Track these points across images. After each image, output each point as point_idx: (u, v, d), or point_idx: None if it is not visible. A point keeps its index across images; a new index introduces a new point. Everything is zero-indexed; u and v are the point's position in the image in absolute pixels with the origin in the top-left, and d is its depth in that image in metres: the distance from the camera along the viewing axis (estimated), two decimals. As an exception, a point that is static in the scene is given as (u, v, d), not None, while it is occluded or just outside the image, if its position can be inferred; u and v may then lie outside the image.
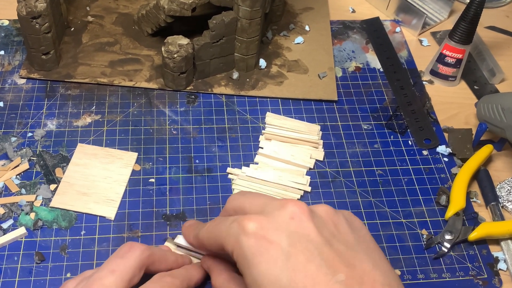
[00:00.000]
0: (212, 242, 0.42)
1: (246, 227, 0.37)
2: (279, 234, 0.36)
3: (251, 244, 0.37)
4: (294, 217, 0.37)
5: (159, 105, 0.64)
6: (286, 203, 0.38)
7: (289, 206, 0.38)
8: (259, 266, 0.36)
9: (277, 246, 0.36)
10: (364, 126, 0.65)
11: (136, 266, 0.42)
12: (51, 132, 0.60)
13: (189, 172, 0.58)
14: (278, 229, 0.37)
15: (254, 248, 0.36)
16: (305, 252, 0.35)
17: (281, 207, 0.38)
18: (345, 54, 0.73)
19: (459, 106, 0.69)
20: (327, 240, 0.37)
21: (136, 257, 0.42)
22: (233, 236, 0.38)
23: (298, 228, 0.37)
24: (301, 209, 0.38)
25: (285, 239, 0.36)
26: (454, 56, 0.68)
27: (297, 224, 0.37)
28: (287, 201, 0.38)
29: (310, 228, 0.37)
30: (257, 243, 0.36)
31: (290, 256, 0.35)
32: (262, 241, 0.36)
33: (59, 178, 0.56)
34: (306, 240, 0.36)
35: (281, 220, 0.37)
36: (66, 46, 0.69)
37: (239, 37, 0.65)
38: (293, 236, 0.36)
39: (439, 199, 0.58)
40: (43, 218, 0.53)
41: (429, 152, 0.63)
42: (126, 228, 0.53)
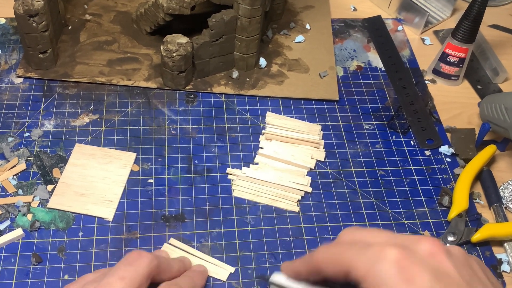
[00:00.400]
0: (334, 264, 0.39)
1: (388, 254, 0.36)
2: (421, 268, 0.35)
3: (392, 273, 0.35)
4: (434, 254, 0.37)
5: (158, 105, 0.64)
6: (422, 239, 0.38)
7: (426, 242, 0.37)
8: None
9: (421, 280, 0.35)
10: (366, 126, 0.65)
11: (144, 274, 0.42)
12: (49, 132, 0.60)
13: (188, 172, 0.58)
14: (419, 263, 0.35)
15: (396, 278, 0.35)
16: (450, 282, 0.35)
17: (417, 242, 0.37)
18: (346, 53, 0.73)
19: (462, 105, 0.69)
20: (468, 281, 0.36)
21: (145, 266, 0.42)
22: (369, 261, 0.36)
23: (438, 264, 0.36)
24: (438, 246, 0.37)
25: (428, 274, 0.35)
26: (457, 55, 0.68)
27: (437, 260, 0.36)
28: (422, 237, 0.38)
29: (450, 266, 0.36)
30: (399, 273, 0.35)
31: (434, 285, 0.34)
32: (405, 272, 0.35)
33: (57, 179, 0.56)
34: (448, 278, 0.35)
35: (421, 255, 0.36)
36: (63, 44, 0.69)
37: (239, 36, 0.65)
38: (436, 273, 0.35)
39: (442, 200, 0.58)
40: (40, 219, 0.53)
41: (431, 153, 0.63)
42: (125, 229, 0.53)
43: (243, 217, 0.55)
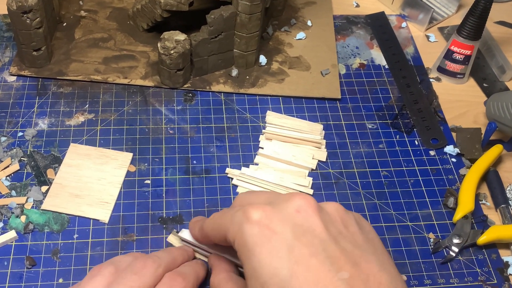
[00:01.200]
0: (216, 232, 0.42)
1: (251, 215, 0.38)
2: (283, 225, 0.37)
3: (253, 233, 0.37)
4: (300, 210, 0.38)
5: (155, 104, 0.64)
6: (293, 196, 0.39)
7: (296, 199, 0.38)
8: (260, 255, 0.36)
9: (280, 237, 0.36)
10: (369, 126, 0.65)
11: (151, 283, 0.43)
12: (43, 132, 0.60)
13: (186, 173, 0.58)
14: (282, 220, 0.37)
15: (257, 237, 0.37)
16: (309, 246, 0.36)
17: (287, 200, 0.39)
18: (348, 51, 0.73)
19: (467, 104, 0.68)
20: (333, 236, 0.37)
21: (152, 274, 0.43)
22: (237, 224, 0.39)
23: (303, 221, 0.37)
24: (308, 203, 0.38)
25: (289, 231, 0.36)
26: (462, 52, 0.68)
27: (303, 217, 0.37)
28: (294, 194, 0.39)
29: (316, 223, 0.37)
30: (260, 232, 0.37)
31: (293, 248, 0.36)
32: (266, 230, 0.37)
33: (51, 180, 0.56)
34: (311, 235, 0.36)
35: (286, 212, 0.38)
36: (58, 42, 0.69)
37: (238, 33, 0.65)
38: (298, 229, 0.37)
39: (447, 201, 0.58)
40: (34, 221, 0.53)
41: (436, 153, 0.63)
42: (121, 231, 0.53)
43: (243, 219, 0.55)
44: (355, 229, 0.39)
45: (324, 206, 0.40)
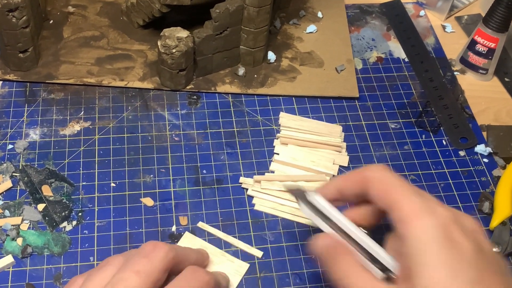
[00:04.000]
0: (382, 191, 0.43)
1: (441, 213, 0.40)
2: (467, 238, 0.40)
3: (439, 231, 0.39)
4: (478, 231, 0.42)
5: (157, 108, 0.64)
6: (466, 215, 0.43)
7: (471, 218, 0.42)
8: (443, 257, 0.38)
9: (465, 248, 0.39)
10: (391, 125, 0.65)
11: (161, 268, 0.42)
12: (35, 143, 0.59)
13: (196, 184, 0.58)
14: (465, 233, 0.40)
15: (442, 237, 0.39)
16: (489, 263, 0.40)
17: (464, 216, 0.42)
18: (364, 43, 0.73)
19: (487, 100, 0.69)
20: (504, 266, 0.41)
21: (162, 258, 0.42)
22: (420, 210, 0.40)
23: (480, 241, 0.41)
24: (481, 227, 0.43)
25: (472, 245, 0.39)
26: (486, 44, 0.68)
27: (479, 238, 0.41)
28: (465, 214, 0.43)
29: (489, 247, 0.41)
30: (446, 234, 0.39)
31: (475, 259, 0.39)
32: (452, 235, 0.39)
33: (47, 197, 0.55)
34: (487, 257, 0.40)
35: (467, 226, 0.41)
36: (45, 41, 0.68)
37: (245, 28, 0.64)
38: (478, 247, 0.40)
39: (482, 206, 0.58)
40: (32, 244, 0.52)
41: (466, 153, 0.63)
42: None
43: (261, 233, 0.55)
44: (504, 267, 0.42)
45: None
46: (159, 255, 0.43)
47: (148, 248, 0.43)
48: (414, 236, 0.40)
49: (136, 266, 0.41)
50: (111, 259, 0.44)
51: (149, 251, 0.43)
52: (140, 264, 0.42)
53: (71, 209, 0.55)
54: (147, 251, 0.43)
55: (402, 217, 0.41)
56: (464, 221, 0.41)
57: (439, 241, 0.39)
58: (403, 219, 0.41)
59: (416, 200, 0.41)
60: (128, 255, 0.44)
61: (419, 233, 0.39)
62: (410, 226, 0.40)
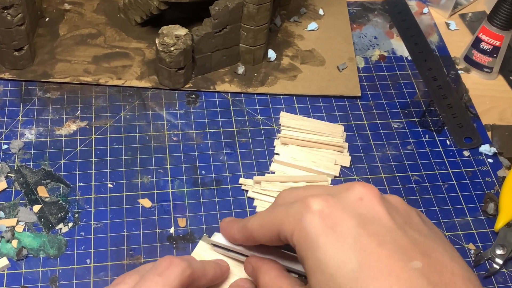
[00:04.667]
0: (265, 229, 0.42)
1: (311, 204, 0.38)
2: (347, 214, 0.38)
3: (316, 223, 0.38)
4: (363, 199, 0.39)
5: (155, 107, 0.64)
6: (354, 185, 0.40)
7: (357, 187, 0.39)
8: (325, 247, 0.37)
9: (345, 227, 0.37)
10: (394, 125, 0.65)
11: (176, 287, 0.41)
12: (30, 143, 0.59)
13: (195, 185, 0.58)
14: (345, 209, 0.38)
15: (319, 228, 0.37)
16: (377, 235, 0.37)
17: (348, 189, 0.40)
18: (366, 41, 0.73)
19: (492, 99, 0.69)
20: (400, 225, 0.38)
21: (177, 276, 0.42)
22: (294, 216, 0.39)
23: (367, 210, 0.38)
24: (371, 191, 0.39)
25: (353, 220, 0.37)
26: (490, 42, 0.68)
27: (367, 205, 0.38)
28: (355, 183, 0.40)
29: (381, 211, 0.38)
30: (323, 222, 0.37)
31: (359, 237, 0.36)
32: (329, 220, 0.38)
33: (43, 198, 0.55)
34: (377, 223, 0.37)
35: (349, 201, 0.39)
36: (40, 39, 0.68)
37: (245, 25, 0.64)
38: (363, 218, 0.38)
39: (486, 207, 0.58)
40: (28, 246, 0.52)
41: (470, 153, 0.63)
42: (126, 253, 0.53)
43: (262, 235, 0.55)
44: (418, 220, 0.40)
45: (385, 195, 0.41)
46: (175, 273, 0.42)
47: (164, 264, 0.42)
48: (299, 242, 0.39)
49: (150, 285, 0.41)
50: (126, 277, 0.43)
51: (164, 268, 0.42)
52: (155, 283, 0.41)
53: (67, 211, 0.55)
54: (162, 268, 0.42)
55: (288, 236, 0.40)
56: (346, 194, 0.39)
57: (319, 234, 0.37)
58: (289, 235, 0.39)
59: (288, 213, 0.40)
60: (142, 271, 0.43)
61: (301, 237, 0.38)
62: (294, 236, 0.39)
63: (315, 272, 0.37)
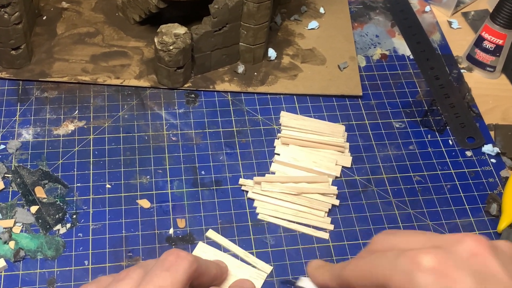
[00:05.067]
0: (366, 280, 0.40)
1: (422, 261, 0.36)
2: (461, 272, 0.36)
3: (429, 283, 0.36)
4: (477, 254, 0.37)
5: (153, 107, 0.64)
6: (464, 238, 0.38)
7: (468, 241, 0.37)
8: None
9: (462, 286, 0.35)
10: (396, 125, 0.65)
11: (184, 281, 0.41)
12: (28, 143, 0.59)
13: (194, 186, 0.58)
14: (459, 266, 0.36)
15: (434, 287, 0.36)
16: None
17: (458, 241, 0.37)
18: (368, 40, 0.73)
19: (495, 99, 0.69)
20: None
21: (185, 271, 0.41)
22: (403, 272, 0.37)
23: (482, 266, 0.36)
24: (483, 244, 0.37)
25: (470, 279, 0.35)
26: (493, 41, 0.68)
27: (481, 261, 0.36)
28: (464, 235, 0.38)
29: (496, 266, 0.36)
30: (438, 282, 0.36)
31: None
32: (443, 279, 0.36)
33: (41, 199, 0.55)
34: (493, 281, 0.36)
35: (461, 257, 0.37)
36: (38, 38, 0.68)
37: (245, 24, 0.64)
38: (479, 276, 0.36)
39: (489, 208, 0.58)
40: (25, 247, 0.52)
41: (473, 153, 0.63)
42: (124, 255, 0.53)
43: (262, 237, 0.55)
44: None
45: (496, 244, 0.39)
46: (182, 267, 0.41)
47: (170, 259, 0.42)
48: None
49: (158, 281, 0.40)
50: (130, 271, 0.42)
51: (171, 264, 0.42)
52: (162, 278, 0.41)
53: (65, 211, 0.55)
54: (169, 263, 0.42)
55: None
56: (457, 248, 0.37)
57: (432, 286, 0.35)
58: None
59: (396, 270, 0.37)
60: (145, 266, 0.43)
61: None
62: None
63: None
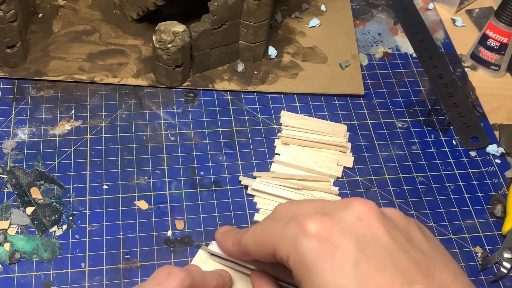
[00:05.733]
0: (260, 247, 0.42)
1: (307, 227, 0.38)
2: (345, 237, 0.37)
3: (313, 248, 0.37)
4: (362, 218, 0.38)
5: (151, 106, 0.64)
6: (352, 202, 0.39)
7: (355, 206, 0.39)
8: (323, 273, 0.36)
9: (343, 251, 0.37)
10: (399, 124, 0.65)
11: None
12: (23, 143, 0.60)
13: (193, 186, 0.58)
14: (344, 231, 0.37)
15: (317, 253, 0.37)
16: (377, 258, 0.36)
17: (345, 207, 0.39)
18: (370, 38, 0.73)
19: (500, 98, 0.69)
20: (401, 245, 0.37)
21: (176, 286, 0.42)
22: (290, 238, 0.39)
23: (366, 230, 0.38)
24: (369, 209, 0.38)
25: (353, 243, 0.37)
26: (498, 39, 0.68)
27: (366, 226, 0.38)
28: (352, 200, 0.39)
29: (381, 231, 0.38)
30: (321, 247, 0.37)
31: (359, 262, 0.36)
32: (326, 244, 0.37)
33: (36, 200, 0.55)
34: (376, 245, 0.37)
35: (347, 221, 0.38)
36: (34, 36, 0.68)
37: (245, 22, 0.65)
38: (362, 240, 0.37)
39: (494, 209, 0.58)
40: (20, 249, 0.52)
41: (477, 153, 0.63)
42: (122, 257, 0.53)
43: (262, 238, 0.55)
44: (419, 236, 0.40)
45: (384, 211, 0.40)
46: (174, 283, 0.42)
47: (162, 274, 0.43)
48: (295, 267, 0.38)
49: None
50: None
51: (163, 279, 0.42)
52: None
53: (61, 213, 0.55)
54: (160, 279, 0.42)
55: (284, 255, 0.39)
56: (343, 213, 0.38)
57: (316, 260, 0.37)
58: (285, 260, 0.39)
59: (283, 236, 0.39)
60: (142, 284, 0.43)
61: (297, 263, 0.38)
62: (290, 261, 0.39)
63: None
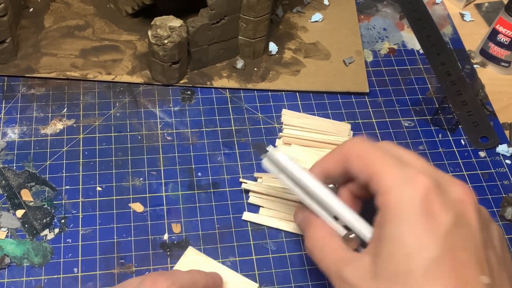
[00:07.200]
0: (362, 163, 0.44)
1: (420, 181, 0.41)
2: (447, 208, 0.41)
3: (417, 202, 0.40)
4: (464, 201, 0.42)
5: (147, 105, 0.64)
6: (457, 182, 0.43)
7: (460, 187, 0.43)
8: (414, 227, 0.40)
9: (443, 220, 0.40)
10: (405, 123, 0.65)
11: None
12: (13, 143, 0.60)
13: (190, 188, 0.58)
14: (447, 203, 0.41)
15: (418, 209, 0.40)
16: (464, 239, 0.40)
17: (452, 183, 0.43)
18: (375, 33, 0.73)
19: (510, 96, 0.69)
20: (484, 241, 0.41)
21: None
22: (398, 179, 0.42)
23: (463, 214, 0.41)
24: (470, 195, 0.42)
25: (451, 217, 0.40)
26: (508, 34, 0.68)
27: (465, 208, 0.41)
28: (457, 180, 0.43)
29: (475, 221, 0.41)
30: (423, 207, 0.40)
31: (451, 234, 0.40)
32: (430, 206, 0.40)
33: (27, 202, 0.55)
34: (468, 230, 0.41)
35: (452, 196, 0.42)
36: (24, 31, 0.68)
37: (244, 16, 0.65)
38: (459, 218, 0.41)
39: (504, 212, 0.58)
40: (11, 254, 0.52)
41: (487, 154, 0.63)
42: (116, 262, 0.53)
43: (262, 242, 0.55)
44: (498, 240, 0.44)
45: (479, 206, 0.43)
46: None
47: (147, 283, 0.43)
48: (389, 206, 0.41)
49: None
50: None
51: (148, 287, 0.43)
52: None
53: (53, 216, 0.55)
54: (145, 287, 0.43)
55: (380, 189, 0.42)
56: (451, 189, 0.42)
57: (414, 213, 0.40)
58: (381, 190, 0.42)
59: (395, 171, 0.42)
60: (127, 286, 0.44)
61: (395, 204, 0.41)
62: (387, 197, 0.41)
63: (390, 242, 0.40)
